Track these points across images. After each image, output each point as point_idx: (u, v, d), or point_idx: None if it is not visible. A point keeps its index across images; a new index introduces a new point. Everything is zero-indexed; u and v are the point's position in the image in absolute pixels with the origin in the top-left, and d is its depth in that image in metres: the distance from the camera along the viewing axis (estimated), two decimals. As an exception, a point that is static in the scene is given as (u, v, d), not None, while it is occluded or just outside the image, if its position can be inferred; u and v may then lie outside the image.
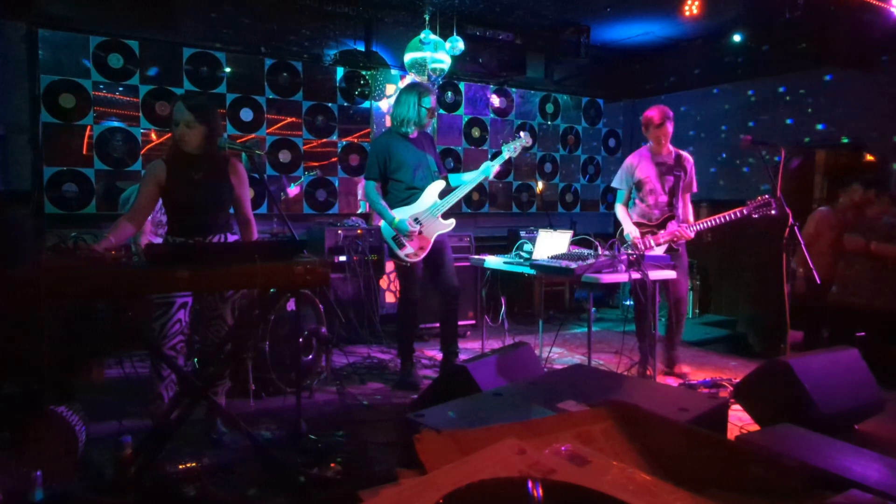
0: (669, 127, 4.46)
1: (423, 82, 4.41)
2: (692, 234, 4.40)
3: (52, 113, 4.97)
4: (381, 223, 4.25)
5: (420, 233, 4.17)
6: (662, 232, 4.40)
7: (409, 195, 4.21)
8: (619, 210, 4.66)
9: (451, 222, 4.26)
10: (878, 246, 4.44)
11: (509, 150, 4.30)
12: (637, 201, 4.62)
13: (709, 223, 4.33)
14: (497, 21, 6.30)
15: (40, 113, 4.94)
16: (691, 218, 4.55)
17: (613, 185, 4.73)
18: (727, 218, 4.23)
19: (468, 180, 4.32)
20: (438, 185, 4.26)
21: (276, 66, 5.84)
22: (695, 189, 4.62)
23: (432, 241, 4.21)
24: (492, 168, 4.28)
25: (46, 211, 4.97)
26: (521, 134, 4.35)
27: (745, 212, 4.15)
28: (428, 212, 4.19)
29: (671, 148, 4.55)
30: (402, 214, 4.17)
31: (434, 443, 1.27)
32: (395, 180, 4.21)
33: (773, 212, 4.01)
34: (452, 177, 4.42)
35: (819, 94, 6.14)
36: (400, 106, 4.21)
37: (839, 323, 4.71)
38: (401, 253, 4.17)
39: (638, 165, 4.58)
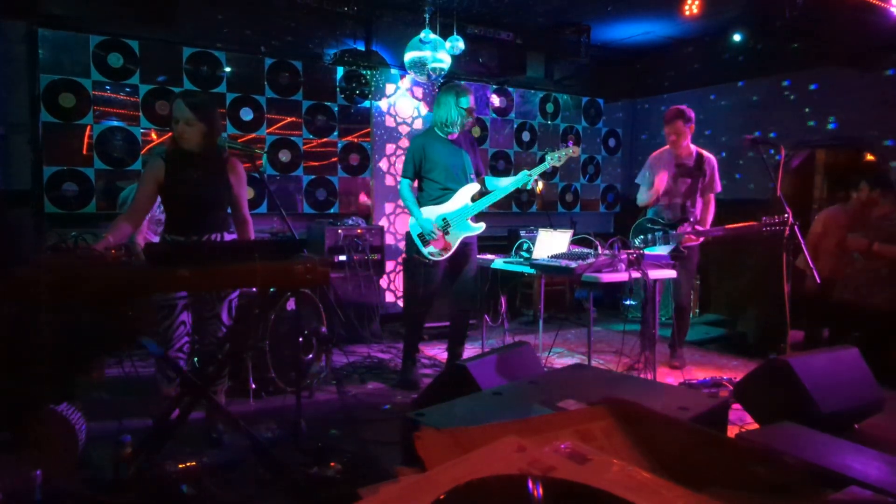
0: (681, 126, 4.52)
1: (460, 83, 4.36)
2: (698, 242, 4.48)
3: (52, 112, 4.97)
4: (410, 220, 4.27)
5: (447, 233, 4.18)
6: (673, 233, 4.48)
7: (442, 195, 4.21)
8: (642, 203, 4.78)
9: (481, 226, 4.23)
10: (880, 247, 4.43)
11: (553, 160, 4.13)
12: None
13: (717, 233, 4.40)
14: (497, 20, 6.29)
15: (40, 112, 4.93)
16: (710, 218, 4.61)
17: (637, 181, 4.82)
18: (736, 230, 4.28)
19: (504, 186, 4.25)
20: (472, 188, 4.25)
21: (276, 66, 5.84)
22: (718, 189, 4.68)
23: (457, 242, 4.20)
24: (531, 178, 4.15)
25: (46, 210, 4.97)
26: (570, 143, 4.27)
27: (755, 228, 4.14)
28: (457, 213, 4.19)
29: (693, 148, 4.61)
30: (431, 213, 4.18)
31: (434, 441, 1.27)
32: (429, 179, 4.23)
33: (787, 232, 3.91)
34: (489, 179, 4.40)
35: (819, 93, 6.14)
36: (439, 108, 4.21)
37: (840, 322, 4.70)
38: (425, 250, 4.19)
39: (658, 164, 4.65)
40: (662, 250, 4.43)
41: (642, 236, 4.60)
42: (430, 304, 4.38)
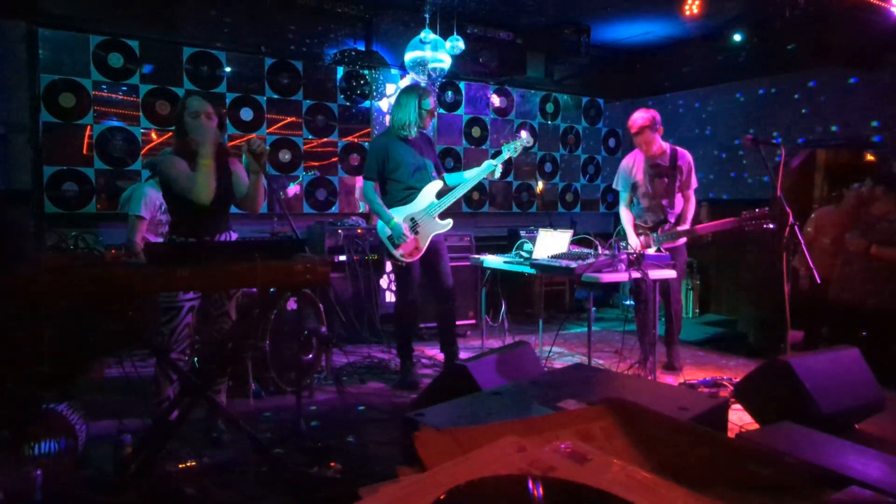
0: (649, 135, 4.44)
1: (421, 84, 4.39)
2: (682, 241, 4.46)
3: (52, 112, 4.97)
4: (378, 222, 4.26)
5: (417, 233, 4.18)
6: (654, 235, 4.48)
7: (407, 195, 4.21)
8: (623, 213, 4.75)
9: (448, 222, 4.25)
10: (878, 249, 4.42)
11: (509, 151, 4.26)
12: (635, 202, 4.68)
13: (695, 233, 4.41)
14: (497, 20, 6.30)
15: (40, 112, 4.93)
16: (690, 215, 4.57)
17: (614, 186, 4.79)
18: (718, 227, 4.28)
19: (468, 178, 4.30)
20: (436, 186, 4.26)
21: (276, 66, 5.84)
22: (694, 185, 4.62)
23: (428, 241, 4.20)
24: (496, 167, 4.20)
25: (46, 210, 4.97)
26: (522, 134, 4.33)
27: (735, 223, 4.15)
28: (425, 212, 4.19)
29: (665, 146, 4.55)
30: (399, 214, 4.18)
31: (434, 441, 1.27)
32: (393, 180, 4.22)
33: (770, 226, 3.97)
34: (451, 176, 4.41)
35: (819, 93, 6.13)
36: (400, 109, 4.20)
37: (839, 322, 4.70)
38: (396, 252, 4.18)
39: (633, 168, 4.63)
40: (650, 251, 4.42)
41: (625, 242, 4.56)
42: (413, 305, 4.35)
